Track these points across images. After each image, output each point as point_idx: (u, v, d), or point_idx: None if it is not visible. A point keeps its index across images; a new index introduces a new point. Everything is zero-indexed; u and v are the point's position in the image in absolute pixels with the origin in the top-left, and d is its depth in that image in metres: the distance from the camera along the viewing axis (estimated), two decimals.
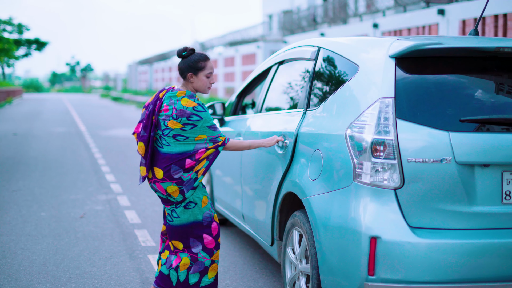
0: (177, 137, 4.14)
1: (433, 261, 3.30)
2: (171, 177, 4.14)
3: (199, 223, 4.24)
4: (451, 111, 3.47)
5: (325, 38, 4.58)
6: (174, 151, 4.14)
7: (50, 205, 8.04)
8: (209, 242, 4.27)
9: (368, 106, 3.51)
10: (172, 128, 4.13)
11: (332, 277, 3.60)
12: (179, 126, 4.12)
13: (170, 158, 4.13)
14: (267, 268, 5.47)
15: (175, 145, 4.14)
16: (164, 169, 4.15)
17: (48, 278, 5.11)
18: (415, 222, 3.40)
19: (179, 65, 4.31)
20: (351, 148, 3.52)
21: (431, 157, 3.37)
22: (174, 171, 4.13)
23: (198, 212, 4.23)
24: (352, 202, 3.48)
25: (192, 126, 4.12)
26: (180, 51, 4.28)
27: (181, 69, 4.30)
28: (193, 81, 4.26)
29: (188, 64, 4.26)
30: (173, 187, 4.15)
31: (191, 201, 4.22)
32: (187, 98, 4.17)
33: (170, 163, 4.13)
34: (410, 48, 3.49)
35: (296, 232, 4.17)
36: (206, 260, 4.26)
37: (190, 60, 4.26)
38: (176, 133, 4.13)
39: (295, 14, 27.13)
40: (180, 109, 4.13)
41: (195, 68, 4.25)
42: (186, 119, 4.11)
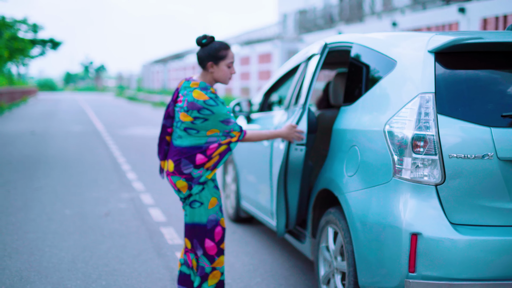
0: (188, 130, 3.98)
1: (474, 258, 3.26)
2: (181, 171, 4.00)
3: (203, 226, 4.07)
4: (492, 106, 3.43)
5: (358, 34, 4.54)
6: (184, 144, 3.99)
7: (74, 203, 8.05)
8: (210, 248, 4.09)
9: (408, 102, 3.47)
10: (183, 121, 3.98)
11: (370, 274, 3.57)
12: (189, 119, 3.95)
13: (181, 151, 4.00)
14: (297, 266, 5.44)
15: (186, 138, 3.99)
16: (175, 162, 4.02)
17: (78, 275, 5.11)
18: (456, 218, 3.36)
19: (198, 54, 4.08)
20: (390, 144, 3.49)
21: (472, 153, 3.33)
22: (184, 166, 3.98)
23: (203, 213, 4.06)
24: (391, 198, 3.45)
25: (203, 120, 3.93)
26: (199, 38, 4.05)
27: (200, 58, 4.07)
28: (213, 70, 4.05)
29: (208, 53, 4.04)
30: (182, 182, 4.02)
31: (197, 200, 4.05)
32: (199, 90, 3.98)
33: (180, 156, 4.00)
34: (451, 43, 3.45)
35: (331, 229, 4.14)
36: (207, 266, 4.10)
37: (210, 48, 4.04)
38: (187, 126, 3.97)
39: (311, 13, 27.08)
40: (190, 102, 3.96)
41: (216, 57, 4.04)
42: (196, 112, 3.93)
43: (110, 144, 15.37)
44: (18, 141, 15.79)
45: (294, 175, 4.56)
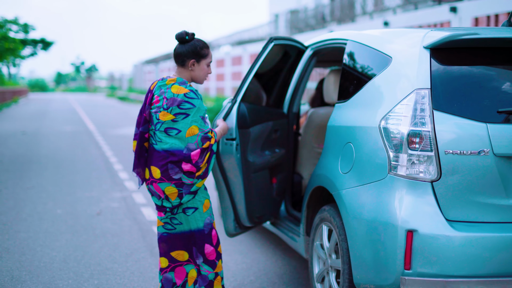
0: (168, 131, 3.77)
1: (470, 254, 3.24)
2: (169, 177, 3.77)
3: (201, 231, 3.91)
4: (488, 102, 3.41)
5: (353, 31, 4.52)
6: (165, 148, 3.76)
7: (65, 202, 8.00)
8: (210, 253, 3.94)
9: (403, 98, 3.45)
10: (163, 121, 3.78)
11: (365, 271, 3.54)
12: (170, 117, 3.76)
13: (165, 156, 3.77)
14: (290, 264, 5.41)
15: (167, 140, 3.77)
16: (161, 167, 3.78)
17: (70, 275, 5.06)
18: (452, 215, 3.34)
19: (178, 50, 3.89)
20: (386, 140, 3.46)
21: (468, 149, 3.31)
22: (172, 171, 3.76)
23: (198, 218, 3.90)
24: (387, 195, 3.42)
25: (185, 116, 3.76)
26: (182, 34, 3.88)
27: (180, 55, 3.89)
28: (193, 69, 3.91)
29: (190, 50, 3.88)
30: (172, 188, 3.78)
31: (191, 206, 3.87)
32: (177, 85, 3.82)
33: (166, 161, 3.76)
34: (446, 39, 3.43)
35: (325, 226, 4.11)
36: (210, 273, 3.96)
37: (193, 45, 3.89)
38: (168, 126, 3.77)
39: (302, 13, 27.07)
40: (170, 98, 3.78)
41: (199, 55, 3.90)
42: (177, 108, 3.76)
43: (102, 144, 15.29)
44: (9, 141, 15.69)
45: (232, 171, 4.46)
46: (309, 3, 35.58)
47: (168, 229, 3.90)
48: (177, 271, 3.95)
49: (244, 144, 4.44)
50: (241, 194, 4.51)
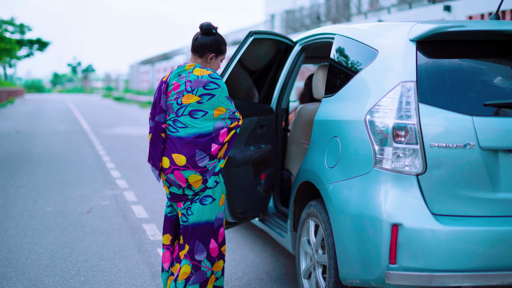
0: (193, 114, 3.74)
1: (456, 249, 3.21)
2: (195, 164, 3.73)
3: (211, 224, 3.84)
4: (474, 95, 3.38)
5: (341, 25, 4.49)
6: (192, 132, 3.73)
7: (56, 200, 7.95)
8: (214, 250, 3.87)
9: (389, 91, 3.42)
10: (187, 104, 3.74)
11: (350, 266, 3.50)
12: (195, 99, 3.74)
13: (192, 142, 3.73)
14: (279, 261, 5.37)
15: (193, 124, 3.74)
16: (187, 154, 3.73)
17: (56, 271, 5.02)
18: (438, 209, 3.30)
19: (202, 41, 3.87)
20: (371, 133, 3.42)
21: (454, 142, 3.28)
22: (199, 159, 3.73)
23: (214, 210, 3.84)
24: (372, 189, 3.39)
25: (210, 96, 3.74)
26: (209, 26, 3.87)
27: (203, 46, 3.86)
28: (210, 62, 3.91)
29: (215, 44, 3.88)
30: (196, 176, 3.75)
31: (211, 195, 3.82)
32: (199, 68, 3.82)
33: (194, 148, 3.72)
34: (432, 31, 3.40)
35: (312, 222, 4.07)
36: (208, 270, 3.87)
37: (217, 40, 3.89)
38: (193, 108, 3.74)
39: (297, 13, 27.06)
40: (194, 80, 3.76)
41: (220, 50, 3.92)
42: (202, 89, 3.74)
43: (96, 143, 15.24)
44: (3, 140, 15.63)
45: None
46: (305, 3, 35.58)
47: (183, 221, 3.86)
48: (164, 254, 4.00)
49: None
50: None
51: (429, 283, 3.22)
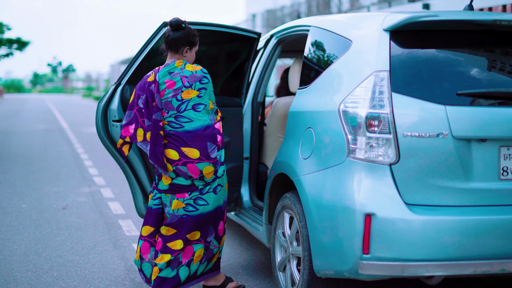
0: (196, 108, 3.93)
1: (429, 238, 3.20)
2: (209, 156, 3.94)
3: (220, 208, 4.11)
4: (448, 85, 3.37)
5: (317, 16, 4.47)
6: (199, 125, 3.93)
7: (32, 197, 7.86)
8: (221, 229, 4.17)
9: (362, 80, 3.40)
10: (189, 99, 3.92)
11: (324, 257, 3.48)
12: (195, 93, 3.93)
13: (202, 135, 3.92)
14: (255, 255, 5.35)
15: (198, 117, 3.93)
16: (199, 147, 3.91)
17: (29, 267, 4.95)
18: (411, 198, 3.29)
19: (173, 37, 3.99)
20: (345, 123, 3.40)
21: (427, 132, 3.27)
22: (211, 150, 3.95)
23: (222, 196, 4.11)
24: (346, 179, 3.37)
25: (204, 90, 3.96)
26: (178, 21, 4.00)
27: (175, 41, 3.99)
28: (186, 55, 4.04)
29: (186, 37, 4.01)
30: (210, 167, 3.96)
31: (220, 183, 4.08)
32: (189, 64, 4.01)
33: (204, 141, 3.92)
34: (405, 21, 3.39)
35: (287, 214, 4.05)
36: (215, 248, 4.16)
37: (188, 33, 4.02)
38: (195, 102, 3.93)
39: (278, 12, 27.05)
40: (190, 75, 3.95)
41: (193, 42, 4.06)
42: (199, 83, 3.95)
43: (74, 141, 15.13)
44: None
45: (129, 153, 4.46)
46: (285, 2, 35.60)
47: (189, 211, 3.99)
48: (186, 250, 4.06)
49: None
50: (145, 176, 4.54)
51: (402, 273, 3.20)
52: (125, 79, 4.49)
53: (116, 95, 4.43)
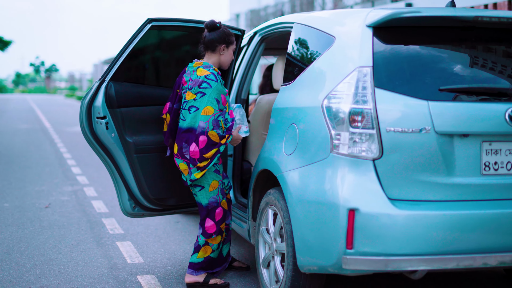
0: (190, 109, 4.16)
1: (412, 233, 3.21)
2: (183, 155, 4.20)
3: (204, 207, 4.30)
4: (430, 80, 3.39)
5: (300, 13, 4.48)
6: (185, 126, 4.18)
7: (14, 196, 7.80)
8: (210, 227, 4.31)
9: (346, 76, 3.41)
10: (188, 100, 4.17)
11: (308, 253, 3.49)
12: (192, 96, 4.15)
13: (182, 135, 4.18)
14: (238, 252, 5.34)
15: (187, 118, 4.16)
16: (178, 144, 4.23)
17: (11, 265, 4.91)
18: (394, 194, 3.30)
19: (209, 37, 4.26)
20: (328, 119, 3.41)
21: (410, 127, 3.28)
22: (185, 150, 4.18)
23: (204, 196, 4.28)
24: (329, 174, 3.37)
25: (202, 94, 4.12)
26: (213, 22, 4.26)
27: (211, 41, 4.25)
28: (223, 53, 4.30)
29: (222, 36, 4.26)
30: (184, 165, 4.21)
31: (198, 184, 4.26)
32: (202, 68, 4.20)
33: (182, 140, 4.18)
34: (388, 17, 3.40)
35: (271, 210, 4.05)
36: (201, 240, 4.33)
37: (224, 32, 4.28)
38: (191, 104, 4.15)
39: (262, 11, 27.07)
40: (194, 79, 4.18)
41: (229, 41, 4.29)
42: (197, 88, 4.14)
43: (57, 140, 15.04)
44: None
45: (115, 150, 4.49)
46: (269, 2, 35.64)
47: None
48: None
49: (117, 123, 4.44)
50: (129, 173, 4.54)
51: (386, 267, 3.22)
52: (109, 75, 4.46)
53: (100, 92, 4.41)
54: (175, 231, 6.09)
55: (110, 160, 4.51)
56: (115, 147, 4.45)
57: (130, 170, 4.52)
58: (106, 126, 4.37)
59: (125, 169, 4.54)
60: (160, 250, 5.41)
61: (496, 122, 3.35)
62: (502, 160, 3.41)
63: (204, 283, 4.37)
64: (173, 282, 4.55)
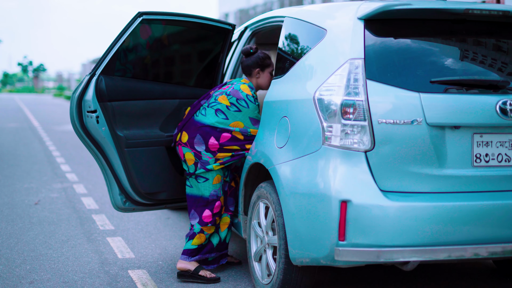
0: (217, 113, 4.30)
1: (404, 224, 3.23)
2: (193, 145, 4.31)
3: (205, 199, 4.38)
4: (422, 72, 3.41)
5: (291, 7, 4.48)
6: (204, 122, 4.30)
7: (3, 193, 7.75)
8: (207, 216, 4.40)
9: (337, 68, 3.42)
10: (219, 102, 4.32)
11: (300, 245, 3.49)
12: (226, 103, 4.30)
13: (199, 127, 4.30)
14: (230, 247, 5.33)
15: (210, 116, 4.30)
16: (190, 134, 4.33)
17: (1, 261, 4.89)
18: (386, 185, 3.32)
19: (246, 63, 4.45)
20: (320, 111, 3.42)
21: (402, 119, 3.30)
22: (197, 142, 4.30)
23: (207, 188, 4.38)
24: (321, 166, 3.38)
25: (237, 110, 4.28)
26: (247, 49, 4.45)
27: (247, 66, 4.44)
28: (259, 77, 4.43)
29: (255, 61, 4.42)
30: (191, 155, 4.33)
31: (202, 176, 4.34)
32: (247, 86, 4.36)
33: (197, 132, 4.30)
34: (379, 10, 3.41)
35: (262, 204, 4.05)
36: (196, 228, 4.40)
37: (258, 57, 4.43)
38: (220, 108, 4.30)
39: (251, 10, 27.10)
40: (236, 90, 4.32)
41: (263, 64, 4.43)
42: (235, 100, 4.29)
43: (46, 139, 14.95)
44: None
45: (106, 144, 4.46)
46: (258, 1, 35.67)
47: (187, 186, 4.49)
48: None
49: (108, 118, 4.41)
50: (120, 167, 4.51)
51: (378, 259, 3.23)
52: (99, 69, 4.44)
53: (91, 86, 4.38)
54: (166, 226, 6.08)
55: (100, 154, 4.49)
56: (106, 141, 4.43)
57: (121, 165, 4.50)
58: (97, 120, 4.35)
59: (116, 164, 4.52)
60: (151, 245, 5.40)
61: (487, 114, 3.37)
62: (493, 152, 3.43)
63: (194, 273, 4.39)
64: (164, 277, 4.54)
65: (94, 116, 4.34)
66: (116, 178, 4.55)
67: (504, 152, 3.44)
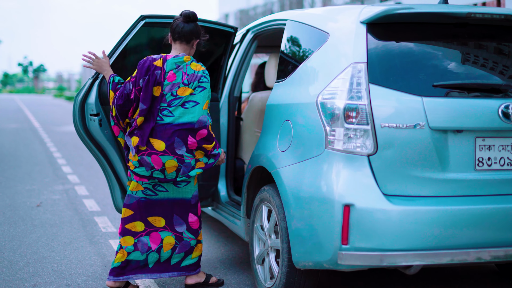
0: (185, 104, 3.97)
1: (407, 228, 3.24)
2: (174, 151, 3.94)
3: (187, 201, 4.15)
4: (424, 76, 3.42)
5: (293, 10, 4.49)
6: (177, 121, 3.94)
7: (4, 195, 7.76)
8: (194, 222, 4.18)
9: (340, 72, 3.43)
10: (182, 96, 3.96)
11: (303, 249, 3.50)
12: (189, 91, 3.97)
13: (174, 129, 3.93)
14: (232, 250, 5.35)
15: (181, 114, 3.94)
16: (167, 141, 3.93)
17: (4, 263, 4.90)
18: (389, 189, 3.33)
19: (186, 28, 4.03)
20: (323, 115, 3.43)
21: (404, 123, 3.31)
22: (177, 146, 3.94)
23: (188, 190, 4.14)
24: (324, 170, 3.39)
25: (202, 89, 3.99)
26: (192, 13, 4.07)
27: (188, 33, 4.04)
28: (194, 48, 4.14)
29: (196, 30, 4.09)
30: (173, 161, 3.95)
31: (184, 180, 4.07)
32: (195, 63, 4.06)
33: (174, 136, 3.93)
34: (382, 13, 3.42)
35: (265, 207, 4.06)
36: (192, 240, 4.17)
37: (197, 26, 4.11)
38: (185, 100, 3.97)
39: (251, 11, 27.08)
40: (191, 74, 4.00)
41: (201, 35, 4.15)
42: (197, 82, 3.99)
43: (47, 140, 14.96)
44: None
45: (108, 147, 4.49)
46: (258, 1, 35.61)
47: (147, 195, 4.09)
48: (153, 236, 4.12)
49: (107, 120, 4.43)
50: (122, 170, 4.53)
51: (381, 263, 3.24)
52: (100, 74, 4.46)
53: (94, 89, 4.40)
54: None
55: (103, 157, 4.51)
56: (108, 145, 4.45)
57: (123, 167, 4.52)
58: (100, 123, 4.37)
59: (118, 166, 4.54)
60: None
61: (490, 118, 3.38)
62: (496, 155, 3.44)
63: (205, 283, 4.33)
64: (167, 280, 4.55)
65: (97, 119, 4.36)
66: (118, 181, 4.57)
67: (507, 156, 3.45)
